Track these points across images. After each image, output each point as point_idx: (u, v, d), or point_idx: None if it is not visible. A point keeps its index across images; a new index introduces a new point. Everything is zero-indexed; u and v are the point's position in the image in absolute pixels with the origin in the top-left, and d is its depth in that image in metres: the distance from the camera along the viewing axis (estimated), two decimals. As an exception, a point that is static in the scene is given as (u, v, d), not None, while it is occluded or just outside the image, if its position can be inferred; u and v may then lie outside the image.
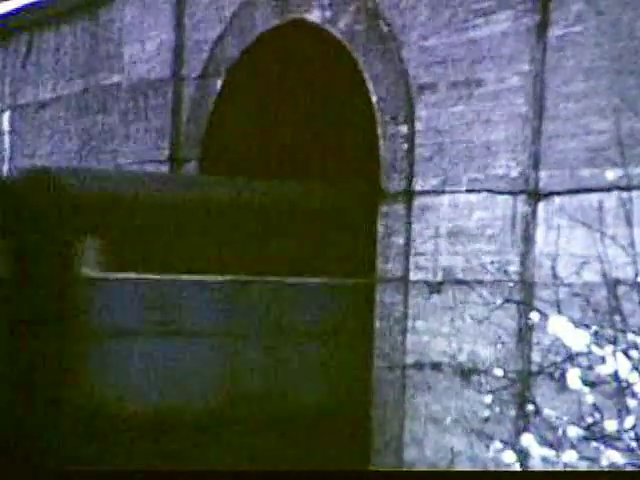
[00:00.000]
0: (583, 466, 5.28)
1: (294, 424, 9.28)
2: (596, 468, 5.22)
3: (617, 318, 5.70)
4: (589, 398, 5.27)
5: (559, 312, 5.58)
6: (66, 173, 9.22)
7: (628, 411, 5.13)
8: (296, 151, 10.78)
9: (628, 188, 6.80)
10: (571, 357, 5.32)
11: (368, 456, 8.85)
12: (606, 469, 5.12)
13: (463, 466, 7.92)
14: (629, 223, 6.43)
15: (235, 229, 9.08)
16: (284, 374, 9.32)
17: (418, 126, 8.49)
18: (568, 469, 5.40)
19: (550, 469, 5.45)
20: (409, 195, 8.55)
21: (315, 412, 9.37)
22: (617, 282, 6.42)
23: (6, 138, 14.89)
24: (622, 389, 5.13)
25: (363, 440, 8.95)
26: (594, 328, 5.35)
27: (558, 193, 7.43)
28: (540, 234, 7.55)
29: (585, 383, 5.20)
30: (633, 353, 5.16)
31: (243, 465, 8.93)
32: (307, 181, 9.86)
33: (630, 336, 5.32)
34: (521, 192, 7.68)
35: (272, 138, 10.74)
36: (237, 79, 10.55)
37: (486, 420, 7.20)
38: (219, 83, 10.64)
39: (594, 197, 7.13)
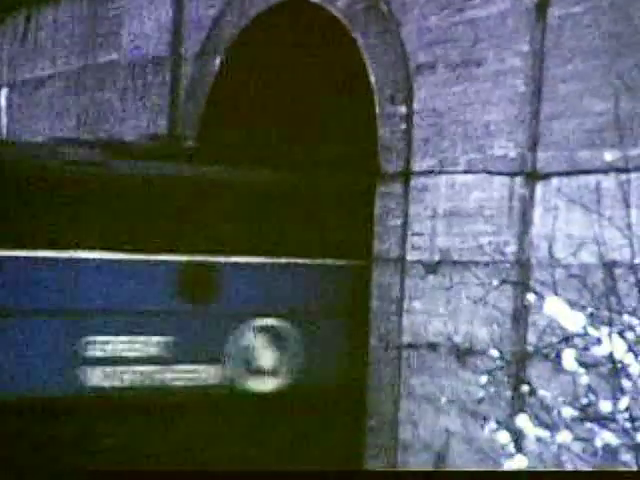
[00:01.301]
0: (577, 447, 5.30)
1: (289, 403, 9.29)
2: (590, 449, 5.24)
3: (613, 300, 5.70)
4: (584, 379, 5.29)
5: (555, 293, 5.58)
6: None
7: (623, 392, 5.14)
8: (293, 131, 10.76)
9: (626, 170, 6.78)
10: (567, 338, 5.32)
11: (364, 435, 8.88)
12: (606, 469, 5.14)
13: (458, 446, 7.94)
14: (626, 205, 6.41)
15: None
16: (280, 354, 9.33)
17: (416, 106, 8.47)
18: (567, 469, 5.43)
19: (549, 469, 5.48)
20: (407, 176, 8.54)
21: (311, 391, 9.38)
22: (614, 264, 6.41)
23: (3, 115, 14.85)
24: (617, 370, 5.14)
25: (359, 419, 8.96)
26: (590, 309, 5.36)
27: (556, 174, 7.42)
28: (537, 215, 7.54)
29: (580, 364, 5.21)
30: (628, 334, 5.17)
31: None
32: (301, 163, 9.82)
33: (626, 317, 5.33)
34: (519, 173, 7.67)
35: (270, 118, 10.71)
36: (236, 58, 10.51)
37: (481, 400, 7.20)
38: (217, 62, 10.60)
39: (592, 178, 7.12)
